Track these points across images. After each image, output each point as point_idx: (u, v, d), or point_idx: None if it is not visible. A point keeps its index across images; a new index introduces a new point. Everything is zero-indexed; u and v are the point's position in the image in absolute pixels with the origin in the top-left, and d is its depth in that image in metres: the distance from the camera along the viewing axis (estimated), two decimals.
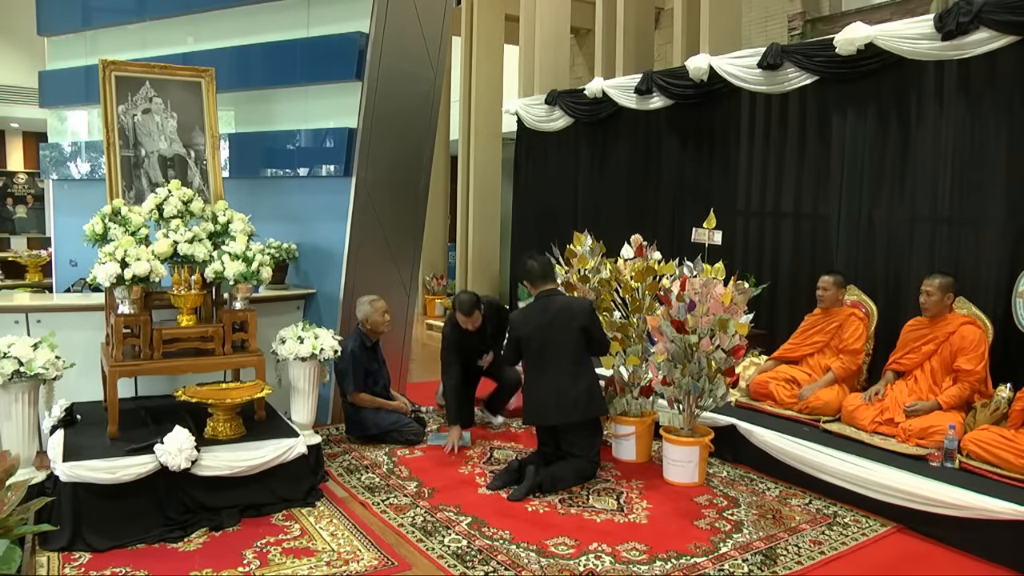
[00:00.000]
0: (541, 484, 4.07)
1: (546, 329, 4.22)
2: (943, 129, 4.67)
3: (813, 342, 4.91)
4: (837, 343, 4.79)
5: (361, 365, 4.88)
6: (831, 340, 4.84)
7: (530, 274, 4.38)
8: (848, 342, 4.71)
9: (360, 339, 4.90)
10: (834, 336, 4.82)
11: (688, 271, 4.35)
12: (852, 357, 4.70)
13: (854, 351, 4.70)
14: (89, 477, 3.37)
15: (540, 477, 4.08)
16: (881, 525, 3.77)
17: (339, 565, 3.26)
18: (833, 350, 4.82)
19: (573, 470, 4.21)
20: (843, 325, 4.77)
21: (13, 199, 13.19)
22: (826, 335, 4.86)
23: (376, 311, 4.91)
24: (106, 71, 4.34)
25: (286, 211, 5.33)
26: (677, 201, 6.55)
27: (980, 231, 4.52)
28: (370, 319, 4.91)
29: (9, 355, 3.41)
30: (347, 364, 4.80)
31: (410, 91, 5.30)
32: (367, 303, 4.92)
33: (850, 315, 4.78)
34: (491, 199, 10.00)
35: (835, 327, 4.82)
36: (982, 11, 4.24)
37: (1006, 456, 3.64)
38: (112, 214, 4.09)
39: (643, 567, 3.29)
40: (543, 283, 4.36)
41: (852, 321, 4.76)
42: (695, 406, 4.35)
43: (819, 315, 4.93)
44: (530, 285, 4.42)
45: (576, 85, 8.17)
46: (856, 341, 4.70)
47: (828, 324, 4.85)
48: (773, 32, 8.20)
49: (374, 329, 4.94)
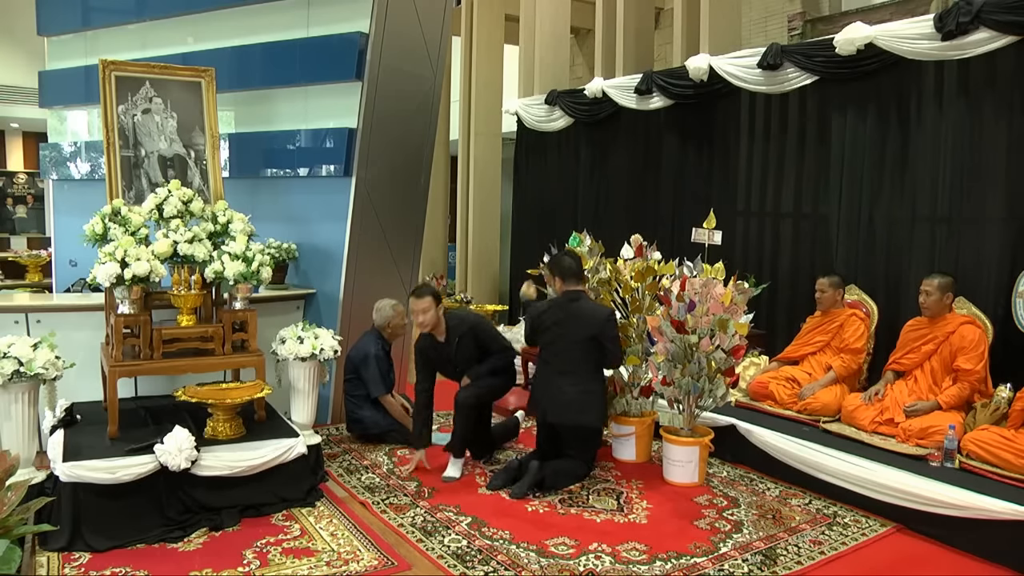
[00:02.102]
0: (543, 479, 4.08)
1: (560, 327, 4.25)
2: (943, 129, 4.67)
3: (815, 342, 4.92)
4: (838, 343, 4.80)
5: (384, 368, 4.90)
6: (832, 339, 4.84)
7: (561, 269, 4.35)
8: (849, 341, 4.72)
9: (379, 343, 4.91)
10: (835, 336, 4.83)
11: (688, 271, 4.35)
12: (853, 356, 4.71)
13: (855, 350, 4.71)
14: (89, 477, 3.36)
15: (543, 473, 4.09)
16: (881, 525, 3.77)
17: (339, 565, 3.26)
18: (834, 349, 4.83)
19: (569, 469, 4.24)
20: (844, 325, 4.79)
21: (13, 199, 13.18)
22: (827, 335, 4.87)
23: (398, 315, 4.96)
24: (106, 71, 4.34)
25: (286, 211, 5.33)
26: (677, 201, 6.55)
27: (980, 231, 4.52)
28: (392, 323, 4.95)
29: (9, 355, 3.41)
30: (373, 369, 4.81)
31: (410, 91, 5.30)
32: (389, 307, 4.94)
33: (851, 315, 4.79)
34: (491, 199, 9.99)
35: (836, 327, 4.83)
36: (982, 11, 4.24)
37: (1006, 456, 3.64)
38: (112, 214, 4.09)
39: (643, 567, 3.29)
40: (572, 282, 4.34)
41: (853, 321, 4.77)
42: (695, 406, 4.35)
43: (819, 317, 4.93)
44: (560, 281, 4.37)
45: (576, 85, 8.17)
46: (858, 340, 4.71)
47: (830, 324, 4.86)
48: (773, 32, 8.19)
49: (395, 333, 4.96)
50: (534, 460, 4.16)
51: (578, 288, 4.36)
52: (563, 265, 4.36)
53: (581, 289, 4.39)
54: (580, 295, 4.35)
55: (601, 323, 4.23)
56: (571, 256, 4.44)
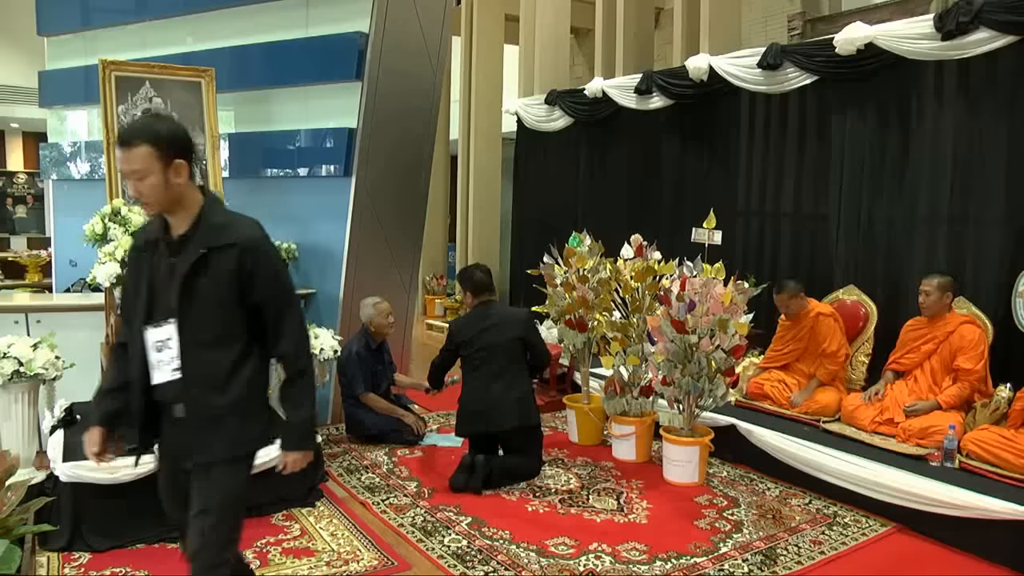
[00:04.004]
0: (491, 473, 4.12)
1: (485, 334, 4.31)
2: (943, 129, 4.66)
3: (790, 350, 4.87)
4: (814, 348, 4.74)
5: (367, 366, 4.89)
6: (808, 345, 4.78)
7: (473, 283, 4.45)
8: (823, 345, 4.67)
9: (365, 340, 4.90)
10: (809, 341, 4.77)
11: (688, 271, 4.34)
12: (832, 359, 4.65)
13: (832, 354, 4.65)
14: (89, 477, 3.36)
15: (490, 466, 4.14)
16: (881, 525, 3.77)
17: (339, 565, 3.26)
18: (812, 355, 4.77)
19: (523, 465, 4.28)
20: (814, 328, 4.72)
21: (13, 199, 13.17)
22: (800, 341, 4.81)
23: (380, 313, 4.92)
24: (106, 71, 4.34)
25: (286, 211, 5.32)
26: (677, 201, 6.54)
27: (980, 231, 4.52)
28: (374, 321, 4.91)
29: (9, 355, 3.41)
30: (354, 367, 4.82)
31: (410, 91, 5.30)
32: (371, 305, 4.92)
33: (817, 316, 4.71)
34: (491, 199, 10.00)
35: (806, 332, 4.76)
36: (982, 11, 4.24)
37: (1006, 456, 3.64)
38: (112, 214, 4.09)
39: (643, 567, 3.29)
40: (484, 294, 4.45)
41: (821, 322, 4.69)
42: (695, 406, 4.35)
43: (788, 324, 4.89)
44: (472, 295, 4.46)
45: (576, 85, 8.16)
46: (831, 343, 4.65)
47: (800, 331, 4.80)
48: (773, 32, 8.19)
49: (378, 331, 4.94)
50: (479, 455, 4.18)
51: (492, 298, 4.49)
52: (475, 280, 4.45)
53: (493, 299, 4.51)
54: (493, 303, 4.49)
55: (524, 323, 4.40)
56: (480, 270, 4.53)
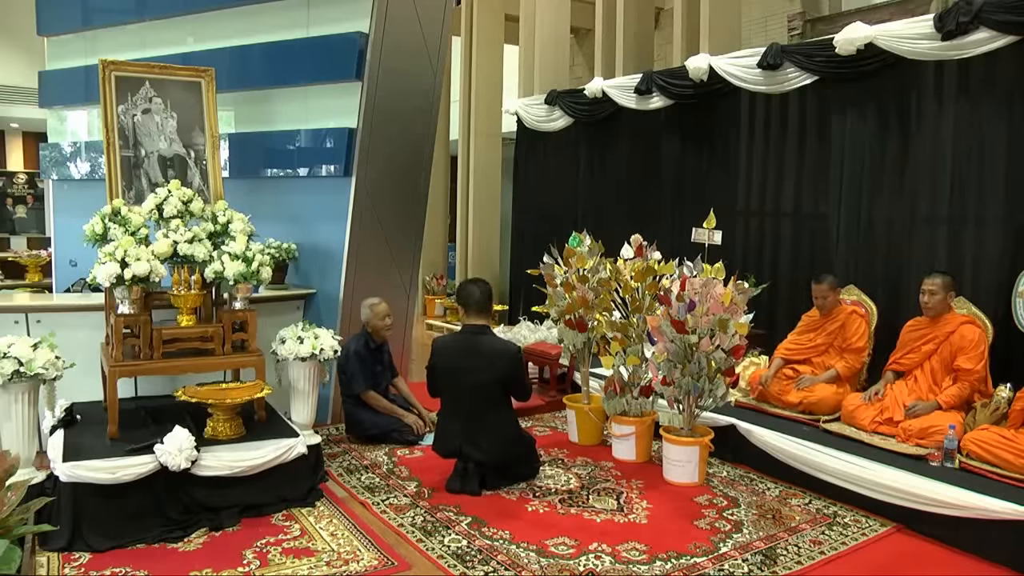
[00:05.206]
0: (485, 476, 4.10)
1: (463, 375, 4.04)
2: (943, 129, 4.67)
3: (815, 345, 4.89)
4: (840, 343, 4.79)
5: (367, 366, 4.90)
6: (834, 340, 4.83)
7: (469, 300, 4.14)
8: (851, 340, 4.72)
9: (364, 340, 4.92)
10: (837, 336, 4.82)
11: (688, 271, 4.34)
12: (856, 355, 4.71)
13: (857, 349, 4.71)
14: (89, 477, 3.36)
15: (483, 471, 4.10)
16: (881, 525, 3.77)
17: (339, 565, 3.26)
18: (837, 350, 4.82)
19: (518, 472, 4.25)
20: (845, 324, 4.78)
21: (13, 199, 13.17)
22: (829, 336, 4.85)
23: (376, 315, 4.93)
24: (106, 71, 4.34)
25: (286, 211, 5.33)
26: (677, 201, 6.55)
27: (980, 231, 4.52)
28: (371, 323, 4.93)
29: (9, 355, 3.40)
30: (354, 366, 4.84)
31: (410, 91, 5.30)
32: (368, 307, 4.94)
33: (851, 313, 4.79)
34: (491, 199, 10.00)
35: (837, 327, 4.82)
36: (982, 11, 4.25)
37: (1006, 456, 3.64)
38: (112, 214, 4.09)
39: (643, 567, 3.29)
40: (477, 315, 4.14)
41: (854, 319, 4.76)
42: (695, 406, 4.35)
43: (818, 318, 4.92)
44: (463, 311, 4.20)
45: (576, 85, 8.17)
46: (860, 339, 4.71)
47: (831, 325, 4.84)
48: (773, 32, 8.20)
49: (375, 332, 4.96)
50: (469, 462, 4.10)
51: (484, 322, 4.16)
52: (472, 299, 4.12)
53: (486, 323, 4.18)
54: (485, 329, 4.15)
55: (508, 362, 4.06)
56: (480, 288, 4.15)
